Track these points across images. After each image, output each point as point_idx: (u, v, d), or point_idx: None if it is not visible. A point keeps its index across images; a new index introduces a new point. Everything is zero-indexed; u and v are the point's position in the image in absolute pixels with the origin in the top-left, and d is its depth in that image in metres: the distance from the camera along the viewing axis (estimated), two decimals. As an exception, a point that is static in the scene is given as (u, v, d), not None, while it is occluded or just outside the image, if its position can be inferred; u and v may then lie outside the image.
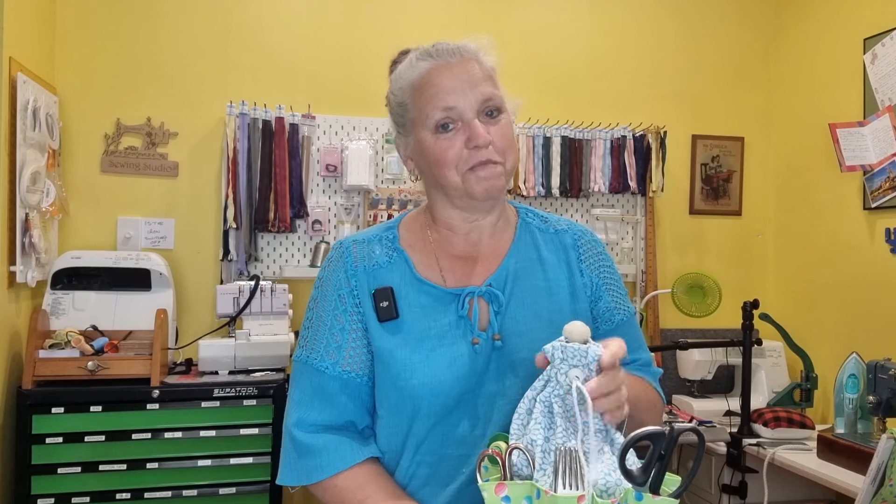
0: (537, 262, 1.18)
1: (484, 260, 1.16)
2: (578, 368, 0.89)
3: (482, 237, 1.17)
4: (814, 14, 3.17)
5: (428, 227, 1.19)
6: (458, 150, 1.08)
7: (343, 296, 1.13)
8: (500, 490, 0.86)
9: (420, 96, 1.10)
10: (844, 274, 2.94)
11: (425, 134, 1.10)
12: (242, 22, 2.94)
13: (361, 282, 1.13)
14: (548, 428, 0.90)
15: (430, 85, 1.09)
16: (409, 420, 1.08)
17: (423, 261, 1.16)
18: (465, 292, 1.12)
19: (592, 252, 1.21)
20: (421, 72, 1.10)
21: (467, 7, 3.13)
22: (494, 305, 1.12)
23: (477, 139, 1.07)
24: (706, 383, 3.07)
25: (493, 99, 1.10)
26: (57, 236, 2.68)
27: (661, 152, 3.18)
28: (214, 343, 2.51)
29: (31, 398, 2.25)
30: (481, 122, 1.08)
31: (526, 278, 1.15)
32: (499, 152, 1.09)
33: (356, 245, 1.17)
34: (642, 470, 0.84)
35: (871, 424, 2.35)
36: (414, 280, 1.13)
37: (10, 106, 2.31)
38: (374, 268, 1.14)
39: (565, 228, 1.23)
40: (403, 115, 1.14)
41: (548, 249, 1.20)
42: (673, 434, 0.82)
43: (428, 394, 1.06)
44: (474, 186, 1.09)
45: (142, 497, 2.30)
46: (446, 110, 1.08)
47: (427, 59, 1.11)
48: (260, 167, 2.82)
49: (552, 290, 1.16)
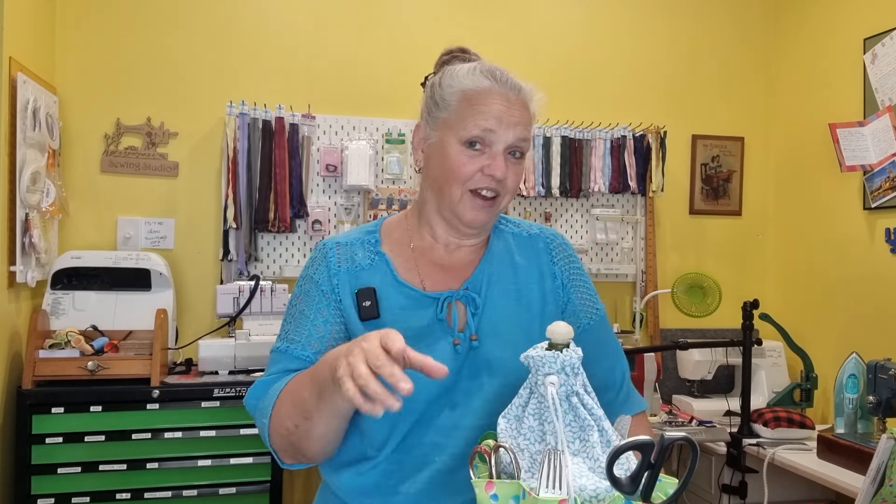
0: (510, 266, 1.22)
1: (461, 267, 1.21)
2: (554, 374, 0.90)
3: (460, 249, 1.23)
4: (814, 14, 3.17)
5: (411, 231, 1.23)
6: (473, 169, 1.13)
7: (325, 292, 1.16)
8: (490, 488, 0.88)
9: (468, 106, 1.13)
10: (844, 274, 2.94)
11: (453, 140, 1.14)
12: (242, 22, 2.94)
13: (343, 282, 1.17)
14: (536, 434, 0.92)
15: (481, 103, 1.13)
16: (392, 416, 1.08)
17: (403, 265, 1.19)
18: (443, 296, 1.16)
19: (564, 254, 1.26)
20: (479, 86, 1.14)
21: (468, 7, 3.13)
22: (471, 308, 1.16)
23: (495, 171, 1.12)
24: (706, 383, 3.07)
25: (524, 143, 1.16)
26: (57, 236, 2.68)
27: (661, 152, 3.18)
28: (214, 343, 2.51)
29: (31, 398, 2.26)
30: (505, 158, 1.14)
31: (499, 282, 1.20)
32: (505, 190, 1.15)
33: (339, 247, 1.21)
34: (630, 479, 0.83)
35: (871, 424, 2.35)
36: (394, 282, 1.17)
37: (10, 106, 2.32)
38: (356, 269, 1.18)
39: (537, 233, 1.28)
40: (440, 110, 1.17)
41: (520, 254, 1.24)
42: (663, 444, 0.82)
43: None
44: (466, 211, 1.15)
45: (142, 497, 2.30)
46: (485, 132, 1.12)
47: (490, 79, 1.15)
48: (260, 167, 2.82)
49: (522, 294, 1.20)
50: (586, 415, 0.91)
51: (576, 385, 0.92)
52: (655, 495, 0.86)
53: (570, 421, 0.91)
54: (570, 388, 0.91)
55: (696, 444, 0.85)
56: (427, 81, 1.24)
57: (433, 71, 1.25)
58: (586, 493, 0.86)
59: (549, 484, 0.85)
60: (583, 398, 0.92)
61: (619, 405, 1.22)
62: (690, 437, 0.84)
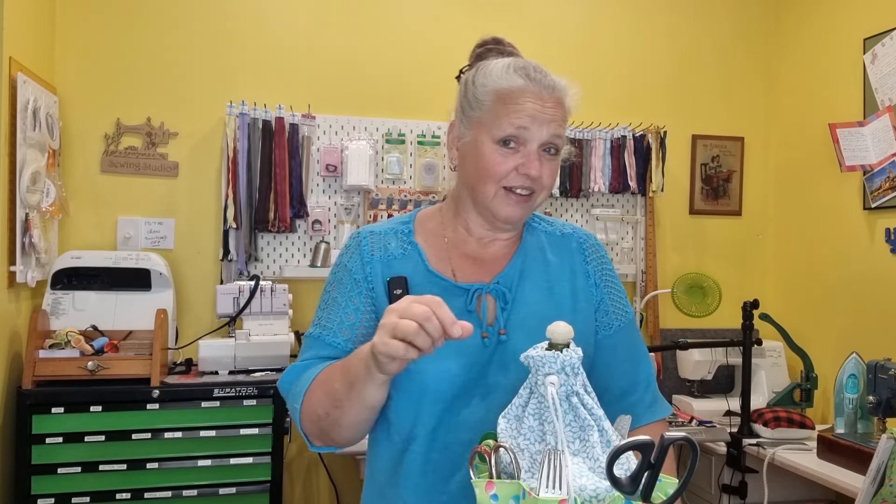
0: (542, 263, 1.23)
1: (493, 260, 1.22)
2: (554, 374, 0.90)
3: (494, 243, 1.23)
4: (814, 14, 3.17)
5: (445, 224, 1.25)
6: (508, 168, 1.14)
7: (358, 280, 1.18)
8: (490, 488, 0.88)
9: (502, 105, 1.13)
10: (844, 274, 2.94)
11: (487, 139, 1.14)
12: (242, 22, 2.94)
13: (376, 269, 1.18)
14: (536, 434, 0.92)
15: (515, 102, 1.13)
16: (416, 403, 1.12)
17: (435, 255, 1.21)
18: (473, 288, 1.17)
19: (596, 255, 1.27)
20: (512, 85, 1.14)
21: (468, 7, 3.13)
22: (501, 302, 1.16)
23: (530, 170, 1.13)
24: (706, 383, 3.07)
25: (559, 140, 1.16)
26: (57, 236, 2.68)
27: (661, 152, 3.18)
28: (214, 343, 2.51)
29: (31, 398, 2.25)
30: (539, 156, 1.14)
31: (530, 278, 1.20)
32: (540, 187, 1.16)
33: (373, 236, 1.22)
34: (630, 479, 0.83)
35: (871, 424, 2.35)
36: (426, 272, 1.18)
37: (10, 106, 2.31)
38: (389, 258, 1.20)
39: (570, 232, 1.29)
40: (473, 110, 1.17)
41: (552, 252, 1.25)
42: (663, 444, 0.82)
43: (433, 379, 1.11)
44: (502, 208, 1.16)
45: (142, 497, 2.30)
46: (519, 129, 1.12)
47: (524, 77, 1.14)
48: (260, 167, 2.82)
49: (553, 290, 1.20)
50: (586, 415, 0.91)
51: (576, 385, 0.92)
52: (655, 495, 0.86)
53: (570, 421, 0.91)
54: (570, 388, 0.91)
55: (696, 444, 0.85)
56: (461, 76, 1.24)
57: (468, 64, 1.24)
58: (586, 493, 0.86)
59: (549, 484, 0.85)
60: (583, 398, 0.92)
61: (647, 406, 1.22)
62: (690, 437, 0.84)
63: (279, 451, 2.42)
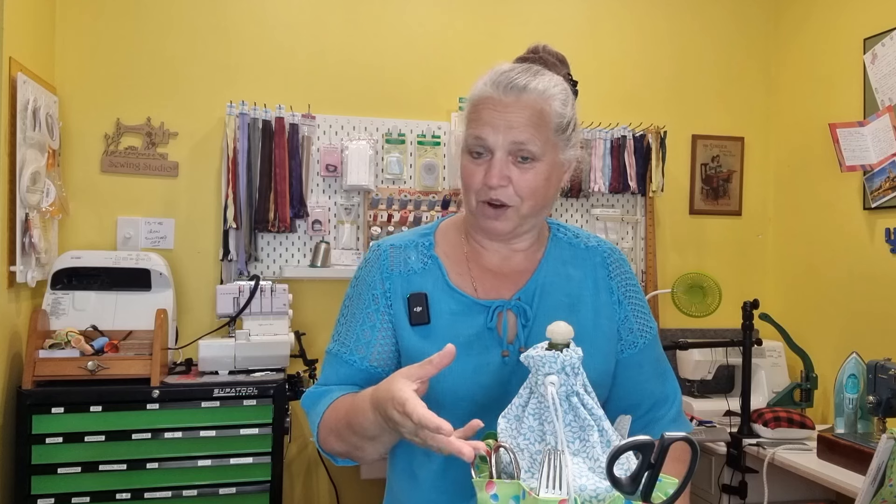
0: (564, 278, 1.20)
1: (514, 274, 1.20)
2: (554, 374, 0.90)
3: (514, 255, 1.21)
4: (814, 14, 3.17)
5: (464, 234, 1.23)
6: (478, 179, 1.12)
7: (377, 296, 1.17)
8: (490, 488, 0.88)
9: (468, 117, 1.14)
10: (844, 274, 2.94)
11: (463, 152, 1.15)
12: (242, 22, 2.94)
13: (395, 285, 1.17)
14: (536, 434, 0.92)
15: (476, 111, 1.13)
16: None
17: (455, 269, 1.19)
18: (494, 305, 1.15)
19: (621, 270, 1.24)
20: (476, 95, 1.14)
21: (468, 7, 3.13)
22: (522, 319, 1.15)
23: (489, 179, 1.10)
24: (706, 383, 3.07)
25: (526, 145, 1.10)
26: (57, 236, 2.68)
27: (661, 152, 3.18)
28: (214, 343, 2.51)
29: (30, 398, 2.25)
30: (513, 165, 1.10)
31: (552, 294, 1.18)
32: (518, 196, 1.11)
33: (393, 250, 1.21)
34: (631, 479, 0.83)
35: (871, 424, 2.35)
36: (446, 287, 1.17)
37: (10, 106, 2.31)
38: (409, 273, 1.18)
39: (595, 245, 1.26)
40: (462, 122, 1.18)
41: (575, 265, 1.22)
42: (663, 444, 0.82)
43: (451, 398, 1.10)
44: (483, 221, 1.15)
45: (142, 497, 2.30)
46: (477, 139, 1.11)
47: (490, 86, 1.12)
48: (260, 167, 2.82)
49: (574, 306, 1.18)
50: (586, 415, 0.91)
51: (576, 385, 0.92)
52: (655, 495, 0.86)
53: (570, 421, 0.91)
54: (570, 388, 0.91)
55: (696, 444, 0.85)
56: None
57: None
58: (586, 493, 0.86)
59: (549, 484, 0.85)
60: (583, 398, 0.92)
61: (671, 420, 1.21)
62: (690, 437, 0.84)
63: (279, 451, 2.42)
